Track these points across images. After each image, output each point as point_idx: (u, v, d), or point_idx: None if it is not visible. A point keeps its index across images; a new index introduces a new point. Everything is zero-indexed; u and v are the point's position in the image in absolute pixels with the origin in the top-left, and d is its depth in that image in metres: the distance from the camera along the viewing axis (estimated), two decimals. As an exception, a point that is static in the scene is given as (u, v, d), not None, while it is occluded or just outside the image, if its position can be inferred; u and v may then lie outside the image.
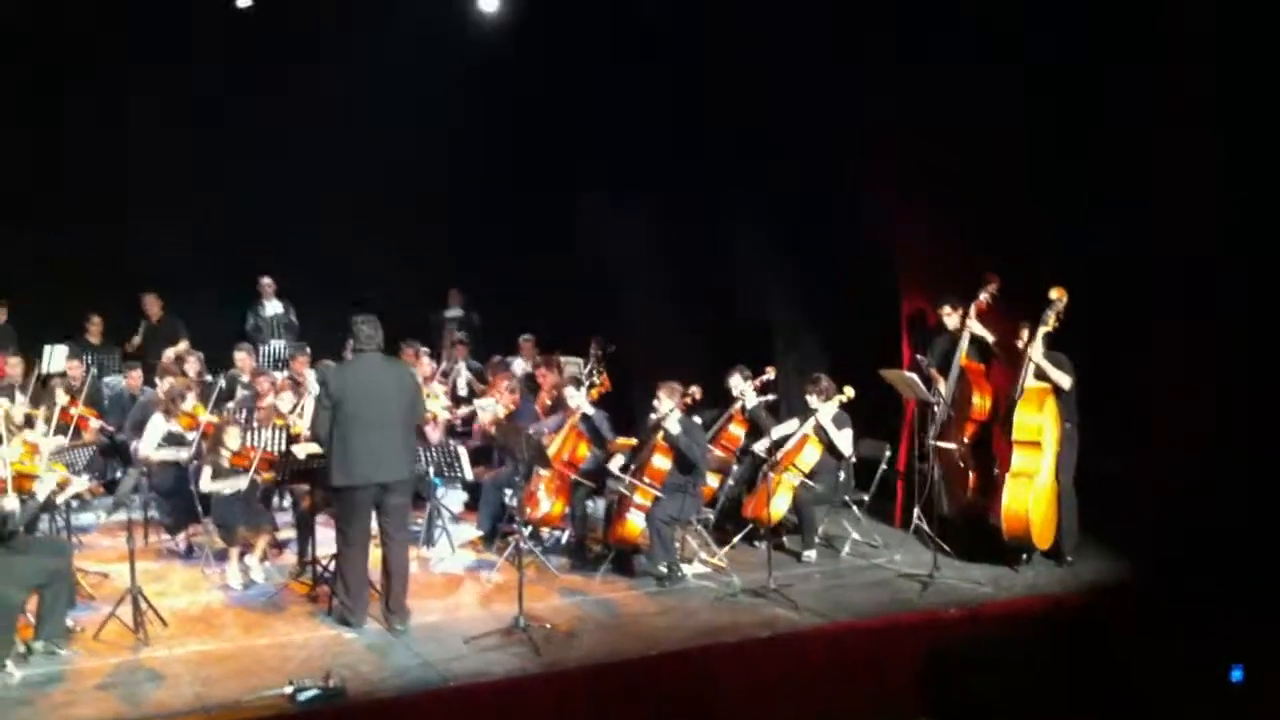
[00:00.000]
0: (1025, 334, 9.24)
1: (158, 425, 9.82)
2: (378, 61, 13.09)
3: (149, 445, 9.76)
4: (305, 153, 13.42)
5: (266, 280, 14.02)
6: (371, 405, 7.90)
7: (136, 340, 13.48)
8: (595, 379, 10.50)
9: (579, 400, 10.00)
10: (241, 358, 12.11)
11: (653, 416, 9.43)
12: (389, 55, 12.97)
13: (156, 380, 11.51)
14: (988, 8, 9.62)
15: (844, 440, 9.83)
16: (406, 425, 8.18)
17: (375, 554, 8.33)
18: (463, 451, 9.99)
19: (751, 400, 10.20)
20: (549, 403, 11.25)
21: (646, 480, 9.18)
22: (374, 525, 8.23)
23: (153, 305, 13.51)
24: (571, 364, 12.11)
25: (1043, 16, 9.31)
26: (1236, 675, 6.88)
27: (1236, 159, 8.75)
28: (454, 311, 14.76)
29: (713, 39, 11.83)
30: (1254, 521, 8.46)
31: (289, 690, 6.75)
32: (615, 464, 9.60)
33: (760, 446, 9.96)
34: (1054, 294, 9.07)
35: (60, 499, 8.34)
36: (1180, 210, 9.08)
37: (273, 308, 14.06)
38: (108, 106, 12.88)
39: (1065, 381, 9.07)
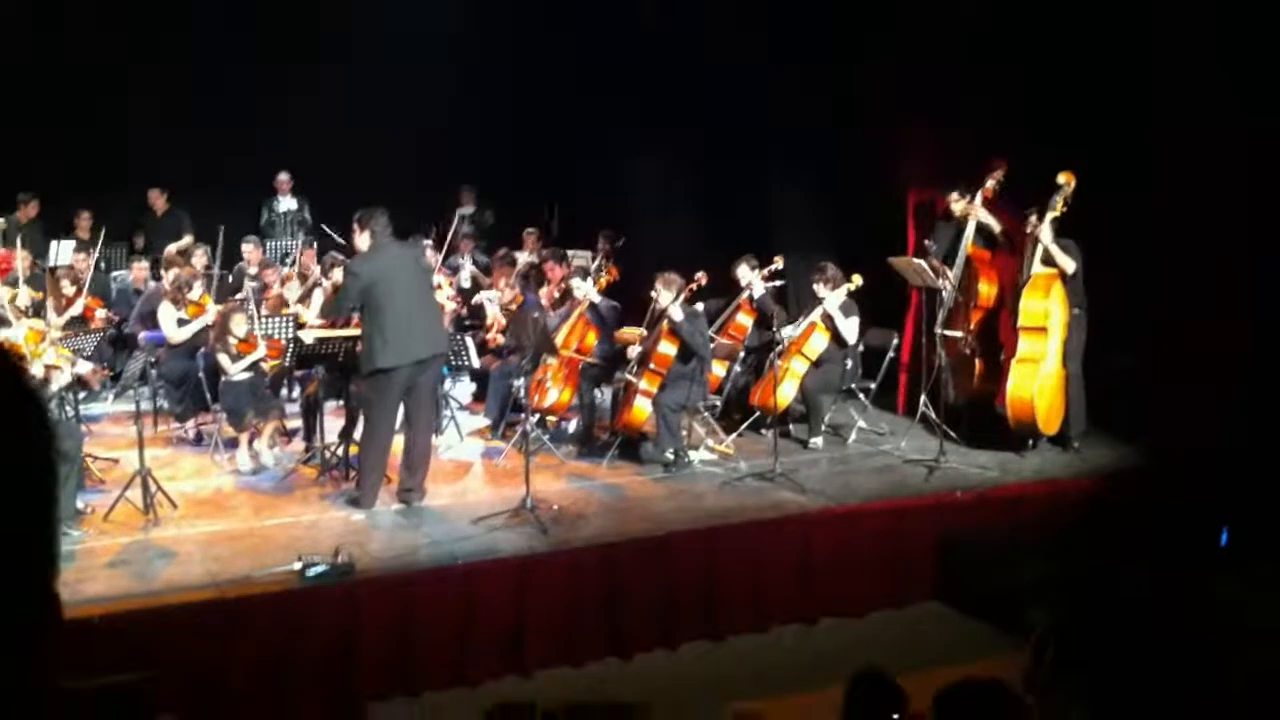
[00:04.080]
0: (1033, 219, 9.16)
1: (168, 312, 9.83)
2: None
3: (170, 327, 9.80)
4: (324, 56, 13.36)
5: (284, 176, 13.89)
6: (400, 287, 8.07)
7: (140, 240, 13.41)
8: (602, 271, 10.46)
9: (586, 289, 9.98)
10: (249, 250, 12.05)
11: (655, 307, 9.41)
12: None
13: (161, 273, 11.49)
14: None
15: (850, 329, 9.78)
16: (432, 301, 8.61)
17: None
18: (469, 341, 10.00)
19: (759, 289, 10.15)
20: (557, 296, 11.22)
21: (653, 366, 9.18)
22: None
23: (157, 199, 13.43)
24: (580, 258, 12.05)
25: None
26: (1223, 539, 7.01)
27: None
28: (467, 209, 14.66)
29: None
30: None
31: (298, 566, 6.82)
32: (634, 352, 9.56)
33: (788, 332, 9.82)
34: (1062, 179, 9.00)
35: (63, 382, 8.37)
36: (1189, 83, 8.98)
37: (287, 203, 13.95)
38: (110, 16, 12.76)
39: (1070, 265, 9.01)
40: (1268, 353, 8.61)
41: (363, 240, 8.25)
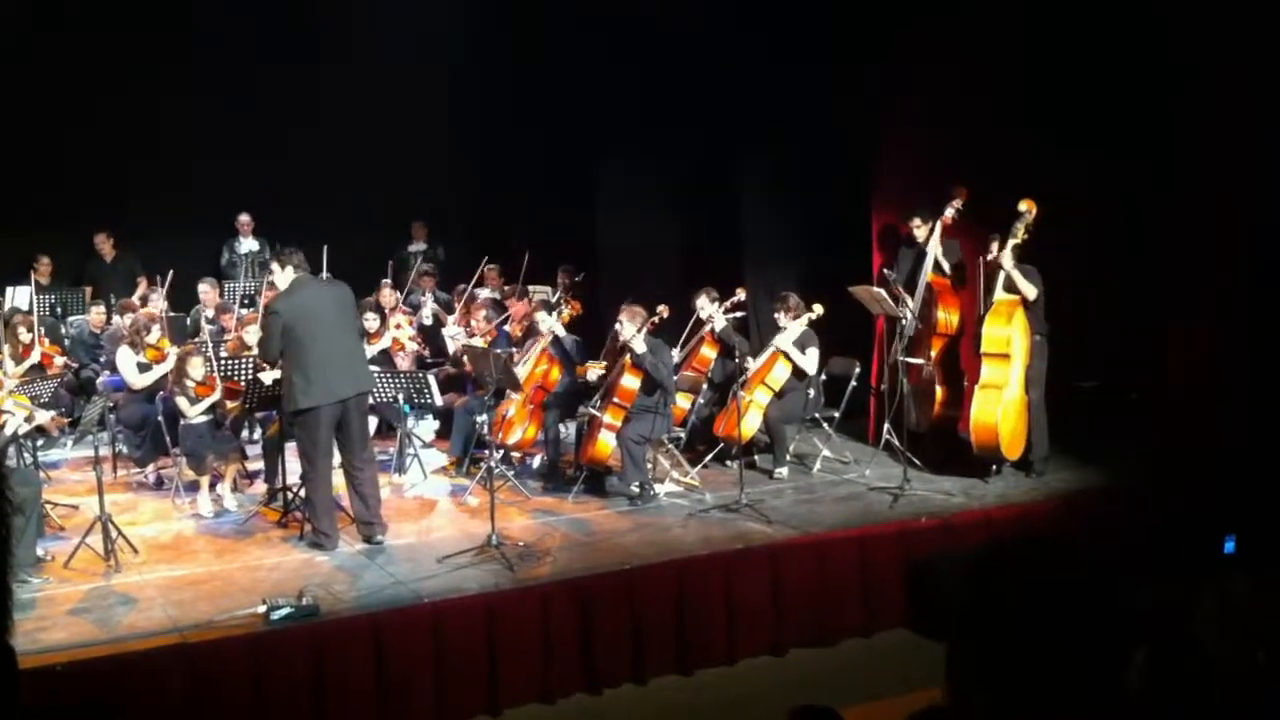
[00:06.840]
0: (995, 246, 9.22)
1: (128, 356, 9.75)
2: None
3: (131, 372, 9.72)
4: (273, 92, 13.32)
5: (245, 217, 13.80)
6: (321, 325, 8.01)
7: (89, 290, 13.20)
8: (564, 305, 10.45)
9: (550, 323, 9.95)
10: (206, 291, 11.98)
11: (620, 338, 9.40)
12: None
13: (115, 318, 11.39)
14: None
15: (808, 361, 9.75)
16: (356, 339, 8.58)
17: (338, 478, 8.43)
18: (431, 378, 9.95)
19: (720, 322, 10.14)
20: (519, 334, 11.21)
21: (616, 400, 9.16)
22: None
23: (104, 245, 13.26)
24: (540, 292, 12.04)
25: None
26: (1229, 547, 7.00)
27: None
28: (418, 246, 14.63)
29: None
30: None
31: (262, 609, 6.74)
32: (594, 375, 9.59)
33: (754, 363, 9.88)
34: (1023, 206, 9.03)
35: (23, 430, 8.29)
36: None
37: (249, 245, 13.86)
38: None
39: (1030, 292, 9.05)
40: (1267, 359, 8.69)
41: (284, 278, 8.21)
